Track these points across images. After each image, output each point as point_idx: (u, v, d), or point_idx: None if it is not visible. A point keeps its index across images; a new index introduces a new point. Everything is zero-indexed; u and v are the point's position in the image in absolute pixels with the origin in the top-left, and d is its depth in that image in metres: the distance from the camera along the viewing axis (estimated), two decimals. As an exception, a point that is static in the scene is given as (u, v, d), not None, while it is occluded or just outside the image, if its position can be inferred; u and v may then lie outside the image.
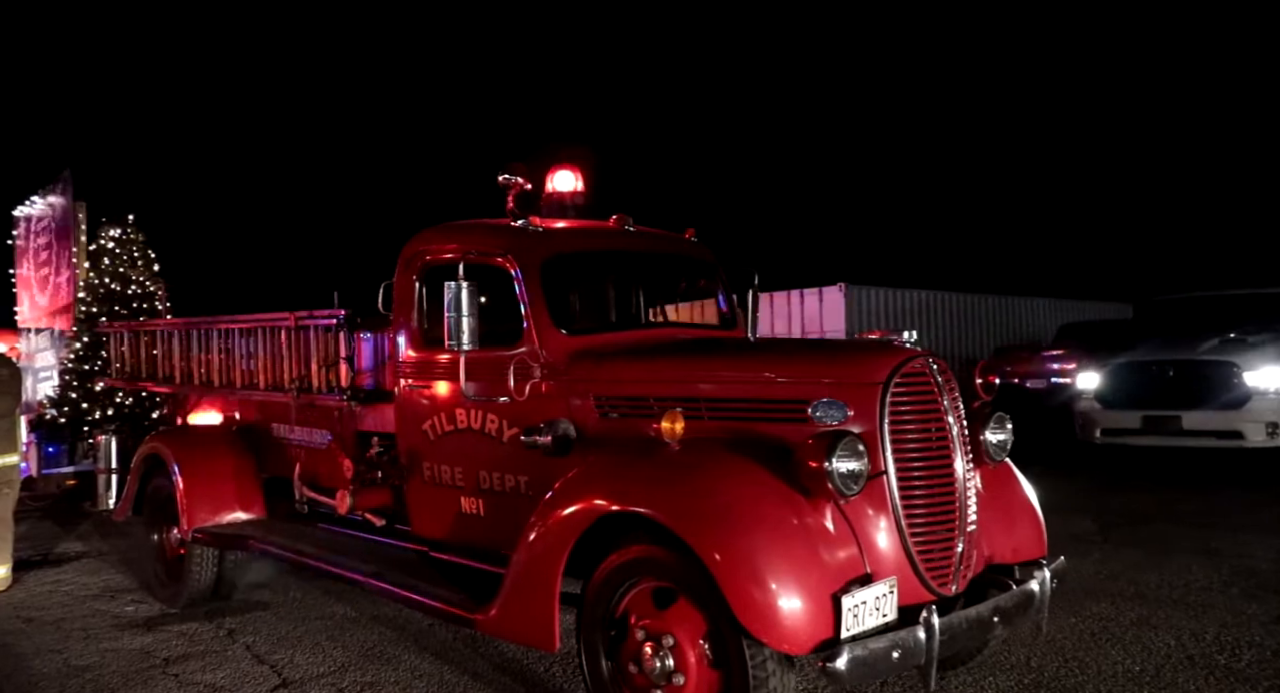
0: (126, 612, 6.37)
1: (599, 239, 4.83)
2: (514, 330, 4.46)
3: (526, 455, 4.29)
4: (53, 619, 6.24)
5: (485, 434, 4.49)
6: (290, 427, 6.12)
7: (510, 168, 5.19)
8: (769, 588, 3.05)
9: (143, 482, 6.72)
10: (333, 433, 5.64)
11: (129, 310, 10.64)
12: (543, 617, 3.70)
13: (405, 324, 4.87)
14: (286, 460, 6.17)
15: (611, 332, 4.69)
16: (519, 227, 4.55)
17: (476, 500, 4.58)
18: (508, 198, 5.14)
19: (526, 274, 4.38)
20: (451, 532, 4.74)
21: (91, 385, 10.14)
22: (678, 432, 3.55)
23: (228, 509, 6.14)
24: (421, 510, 4.90)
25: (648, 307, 5.13)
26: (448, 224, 4.90)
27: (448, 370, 4.64)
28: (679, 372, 3.96)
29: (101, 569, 7.68)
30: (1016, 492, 4.12)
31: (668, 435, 3.54)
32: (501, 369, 4.32)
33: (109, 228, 11.19)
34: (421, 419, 4.77)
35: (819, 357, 3.81)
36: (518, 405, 4.31)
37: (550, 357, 4.29)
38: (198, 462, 6.19)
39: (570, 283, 4.65)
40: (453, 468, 4.66)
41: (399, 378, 4.92)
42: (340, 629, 5.70)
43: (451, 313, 4.15)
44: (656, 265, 5.01)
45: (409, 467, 4.88)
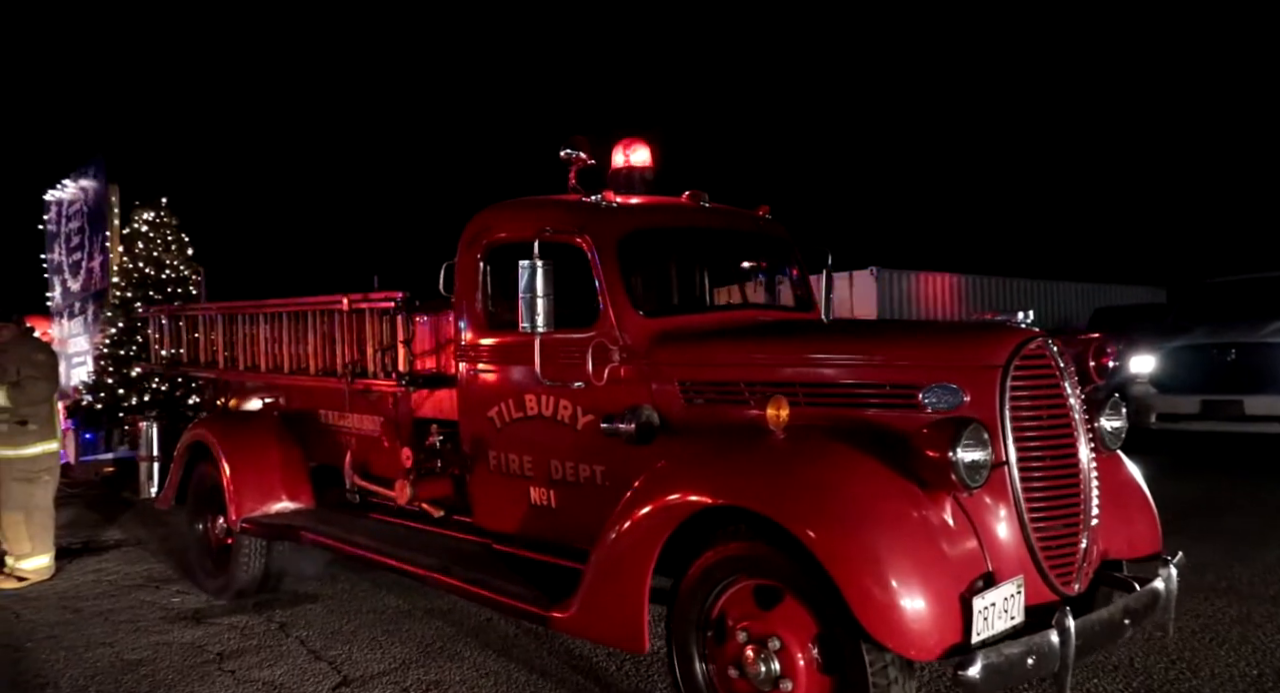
0: (173, 603, 6.21)
1: (676, 215, 4.58)
2: (586, 312, 4.23)
3: (603, 444, 4.06)
4: (99, 610, 6.09)
5: (557, 422, 4.26)
6: (340, 414, 5.92)
7: (573, 141, 4.94)
8: (894, 589, 2.81)
9: (186, 470, 6.55)
10: (387, 420, 5.42)
11: (163, 295, 10.47)
12: (630, 617, 3.48)
13: (468, 306, 4.64)
14: (335, 449, 5.97)
15: (692, 313, 4.44)
16: (593, 202, 4.30)
17: (547, 491, 4.36)
18: (569, 173, 4.91)
19: (602, 252, 4.14)
20: (518, 524, 4.52)
21: (128, 371, 10.00)
22: (783, 419, 3.30)
23: (275, 499, 5.96)
24: (486, 502, 4.68)
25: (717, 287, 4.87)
26: (513, 200, 4.65)
27: (516, 354, 4.41)
28: (774, 355, 3.71)
29: (142, 558, 7.54)
30: (1129, 482, 3.85)
31: (772, 423, 3.30)
32: (576, 353, 4.09)
33: (142, 211, 10.99)
34: (487, 406, 4.55)
35: (931, 339, 3.56)
36: (594, 391, 4.08)
37: (629, 340, 4.05)
38: (245, 450, 6.01)
39: (647, 261, 4.40)
40: (521, 457, 4.44)
41: (461, 363, 4.70)
42: (395, 624, 5.50)
43: (525, 293, 3.92)
44: (734, 243, 4.76)
45: (473, 456, 4.66)
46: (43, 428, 6.90)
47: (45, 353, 7.03)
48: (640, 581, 3.44)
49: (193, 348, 7.04)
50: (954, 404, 3.25)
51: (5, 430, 6.76)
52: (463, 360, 4.67)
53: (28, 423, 6.76)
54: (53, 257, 13.63)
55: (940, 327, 3.68)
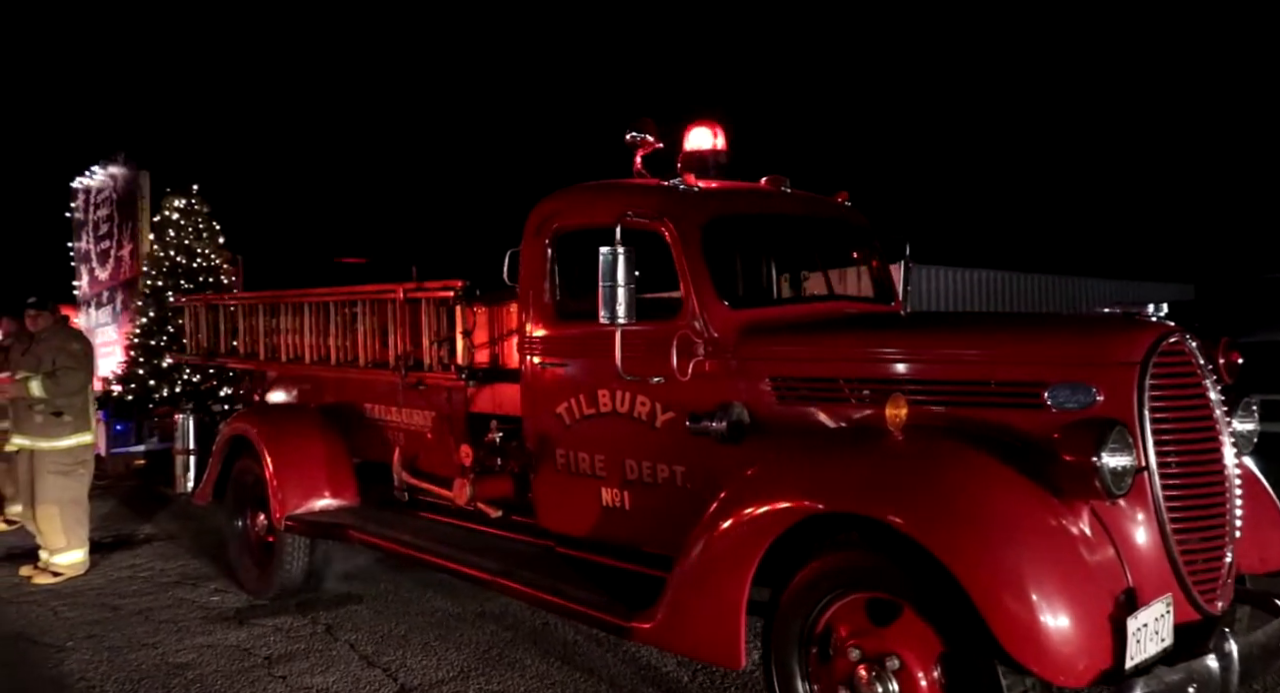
0: (213, 602, 6.00)
1: (759, 201, 4.32)
2: (665, 303, 3.98)
3: (685, 443, 3.81)
4: (138, 609, 5.89)
5: (634, 419, 4.01)
6: (387, 408, 5.69)
7: (639, 123, 4.69)
8: (1040, 608, 2.55)
9: (225, 464, 6.33)
10: (440, 415, 5.19)
11: (194, 284, 10.27)
12: (725, 630, 3.23)
13: (534, 296, 4.39)
14: (382, 444, 5.74)
15: (778, 304, 4.19)
16: (673, 186, 4.04)
17: (620, 493, 4.11)
18: (634, 157, 4.67)
19: (685, 239, 3.88)
20: (586, 526, 4.28)
21: (159, 362, 9.81)
22: (903, 418, 3.04)
23: (320, 496, 5.73)
24: (551, 502, 4.44)
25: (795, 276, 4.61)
26: (584, 184, 4.40)
27: (587, 347, 4.16)
28: (881, 350, 3.45)
29: (176, 554, 7.34)
30: (1260, 490, 3.58)
31: (891, 423, 3.04)
32: (657, 346, 3.84)
33: (173, 198, 10.77)
34: (555, 402, 4.30)
35: (1058, 333, 3.28)
36: (674, 387, 3.82)
37: (715, 332, 3.79)
38: (288, 445, 5.78)
39: (730, 249, 4.14)
40: (592, 456, 4.19)
41: (526, 355, 4.45)
42: (447, 627, 5.28)
43: (606, 282, 3.66)
44: (816, 231, 4.49)
45: (538, 454, 4.42)
46: (77, 419, 6.70)
47: (80, 342, 6.83)
48: (737, 592, 3.19)
49: (231, 339, 6.82)
50: (1085, 404, 2.99)
51: (40, 422, 6.57)
52: (527, 353, 4.43)
53: (63, 414, 6.56)
54: (79, 245, 13.45)
55: (1065, 319, 3.41)
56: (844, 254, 4.52)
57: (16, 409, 6.65)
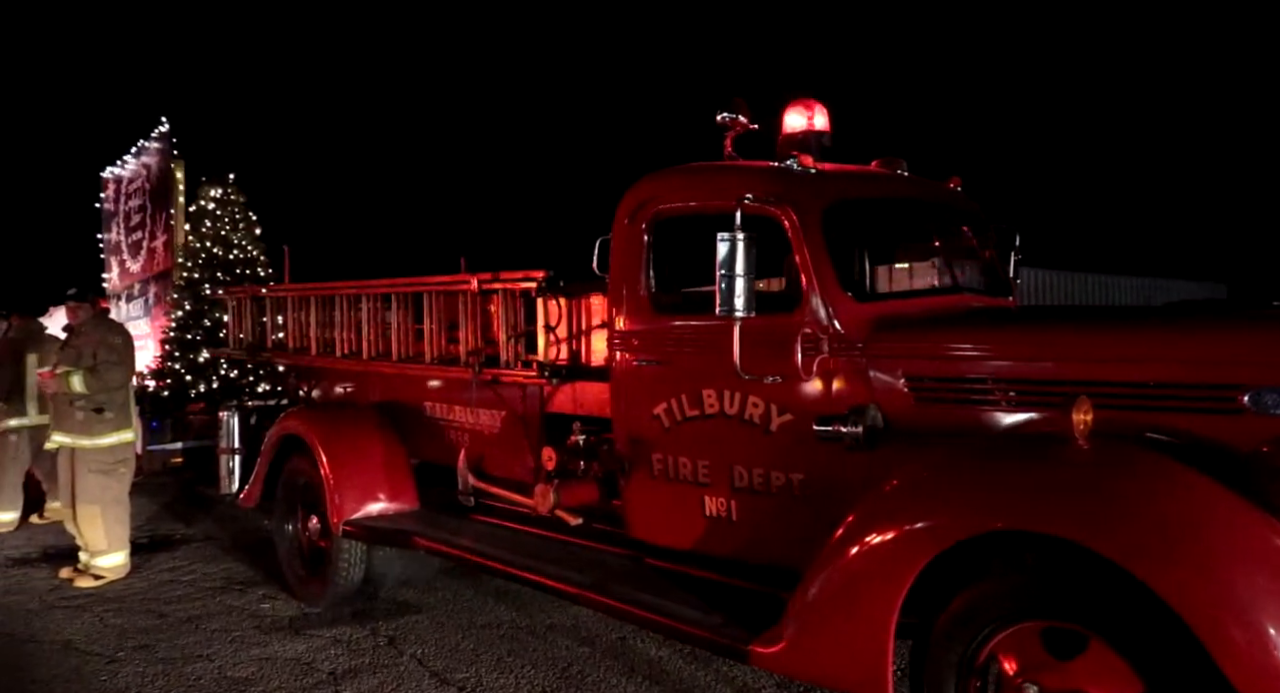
0: (263, 610, 5.69)
1: (881, 184, 3.97)
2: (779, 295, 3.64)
3: (806, 448, 3.48)
4: (187, 615, 5.58)
5: (745, 422, 3.67)
6: (450, 407, 5.37)
7: (731, 103, 4.36)
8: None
9: (274, 465, 6.02)
10: (513, 415, 4.86)
11: (231, 276, 9.97)
12: (869, 656, 2.90)
13: (629, 287, 4.05)
14: (443, 445, 5.42)
15: (903, 297, 3.84)
16: (788, 167, 3.70)
17: (726, 501, 3.78)
18: (725, 140, 4.34)
19: (807, 225, 3.54)
20: (686, 537, 3.94)
21: (195, 357, 9.51)
22: (1089, 424, 2.69)
23: (378, 499, 5.41)
24: (645, 511, 4.10)
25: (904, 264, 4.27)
26: (687, 166, 4.06)
27: (692, 342, 3.83)
28: (1042, 348, 3.10)
29: (217, 556, 7.05)
30: None
31: (1077, 429, 2.69)
32: (773, 343, 3.50)
33: (209, 188, 10.46)
34: (652, 402, 3.96)
35: (1259, 330, 2.93)
36: (794, 387, 3.49)
37: (841, 327, 3.45)
38: (346, 445, 5.47)
39: (850, 237, 3.80)
40: (695, 461, 3.85)
41: (617, 352, 4.12)
42: (518, 641, 4.95)
43: (723, 271, 3.32)
44: (935, 218, 4.14)
45: (631, 458, 4.09)
46: (119, 416, 6.41)
47: (122, 336, 6.53)
48: (885, 615, 2.86)
49: (277, 333, 6.51)
50: (1292, 409, 2.64)
51: (81, 418, 6.28)
52: (620, 349, 4.09)
53: (104, 410, 6.27)
54: (110, 236, 13.16)
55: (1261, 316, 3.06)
56: (961, 243, 4.17)
57: (57, 405, 6.37)
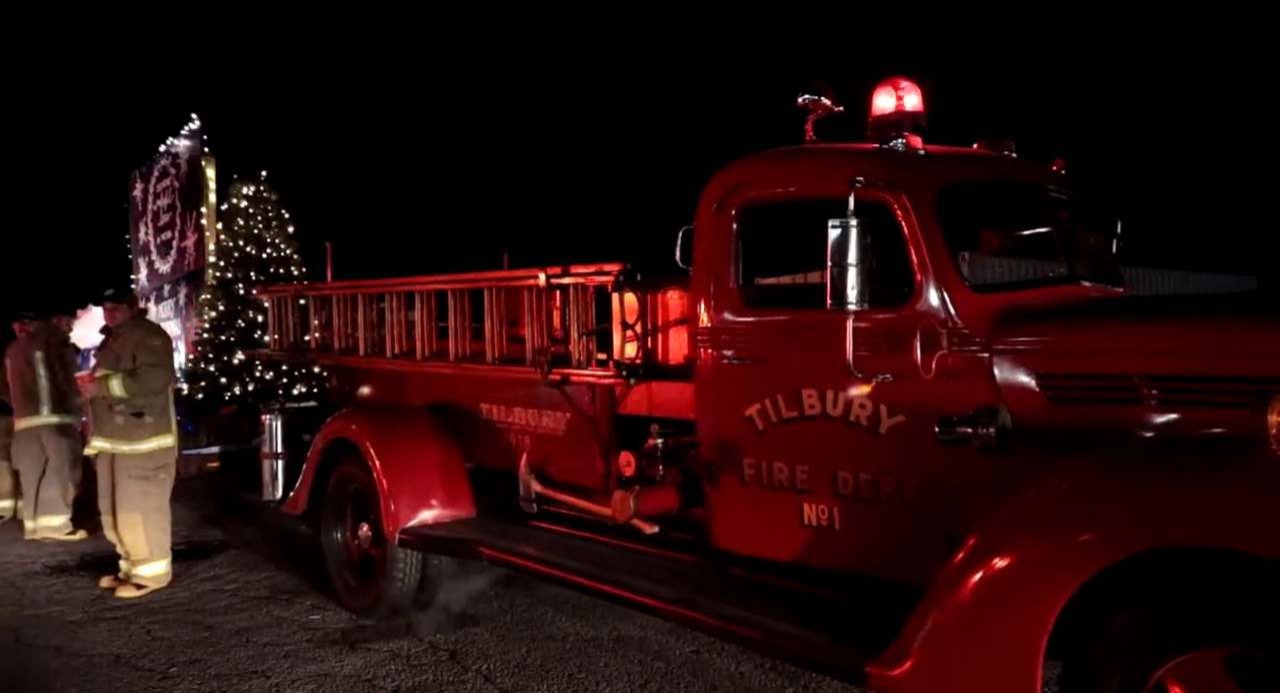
0: (313, 621, 5.46)
1: (991, 167, 3.70)
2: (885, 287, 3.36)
3: (921, 452, 3.21)
4: (235, 628, 5.35)
5: (850, 424, 3.40)
6: (509, 408, 5.11)
7: (813, 84, 4.09)
8: None
9: (321, 470, 5.79)
10: (581, 417, 4.60)
11: (265, 275, 9.76)
12: (1013, 681, 2.63)
13: (717, 280, 3.78)
14: (502, 449, 5.17)
15: (1020, 287, 3.56)
16: (898, 149, 3.43)
17: (828, 509, 3.51)
18: (806, 124, 4.07)
19: (920, 210, 3.27)
20: (781, 546, 3.68)
21: (229, 358, 9.30)
22: (1286, 427, 2.41)
23: (435, 506, 5.16)
24: (734, 518, 3.84)
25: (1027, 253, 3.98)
26: (782, 149, 3.80)
27: (789, 339, 3.57)
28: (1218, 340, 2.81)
29: (257, 564, 6.82)
30: None
31: (1272, 433, 2.41)
32: (885, 338, 3.24)
33: (241, 185, 10.23)
34: (743, 403, 3.70)
35: None
36: (907, 386, 3.22)
37: (962, 321, 3.17)
38: (401, 450, 5.22)
39: (963, 223, 3.52)
40: (792, 467, 3.59)
41: (703, 349, 3.85)
42: (586, 656, 4.70)
43: (835, 262, 3.06)
44: (1045, 203, 3.86)
45: (718, 463, 3.82)
46: (159, 420, 6.19)
47: (161, 338, 6.32)
48: (1034, 635, 2.59)
49: (324, 333, 6.27)
50: None
51: (121, 423, 6.06)
52: (706, 347, 3.83)
53: (144, 415, 6.05)
54: (138, 236, 12.96)
55: None
56: (1073, 230, 3.88)
57: (96, 410, 6.15)
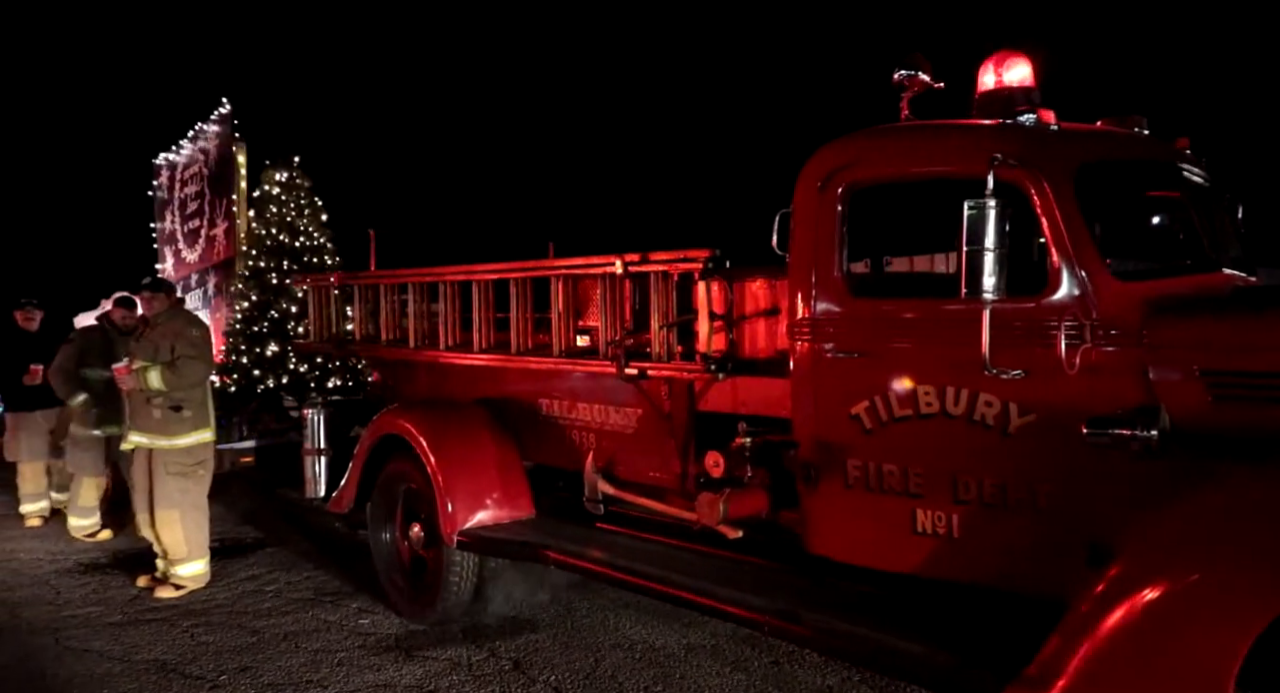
0: (363, 626, 5.22)
1: (1125, 145, 3.41)
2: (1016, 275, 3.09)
3: (1059, 455, 2.94)
4: (282, 633, 5.12)
5: (975, 423, 3.12)
6: (573, 404, 4.85)
7: (910, 60, 3.83)
8: None
9: (368, 468, 5.53)
10: (654, 413, 4.33)
11: (299, 264, 9.51)
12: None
13: (820, 267, 3.51)
14: (563, 447, 4.91)
15: (1162, 275, 3.28)
16: (1029, 124, 3.15)
17: (945, 515, 3.23)
18: (901, 102, 3.80)
19: (1059, 191, 2.99)
20: (888, 555, 3.41)
21: (262, 350, 9.05)
22: None
23: (494, 507, 4.91)
24: (834, 524, 3.57)
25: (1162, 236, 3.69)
26: (890, 126, 3.52)
27: (903, 330, 3.30)
28: None
29: (296, 563, 6.59)
30: None
31: None
32: (1019, 330, 2.96)
33: (273, 171, 9.95)
34: (848, 400, 3.43)
35: None
36: (1044, 383, 2.95)
37: (1108, 312, 2.90)
38: (458, 447, 4.97)
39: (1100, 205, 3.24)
40: (905, 469, 3.31)
41: (802, 342, 3.58)
42: (658, 665, 4.44)
43: (971, 245, 2.79)
44: (1179, 183, 3.56)
45: (818, 464, 3.55)
46: (197, 414, 5.95)
47: (200, 328, 6.07)
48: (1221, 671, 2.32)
49: (370, 323, 6.02)
50: None
51: (159, 417, 5.81)
52: (805, 339, 3.55)
53: (182, 409, 5.80)
54: (163, 225, 12.72)
55: None
56: (1207, 212, 3.59)
57: (133, 403, 5.90)
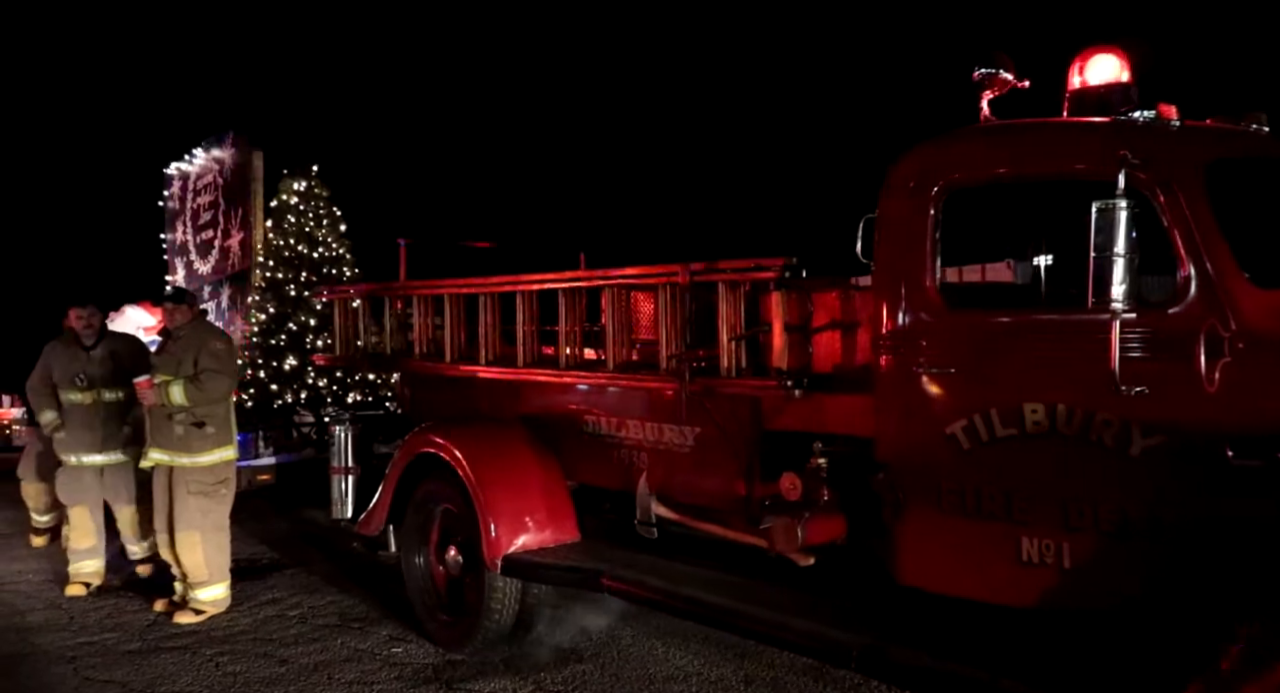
0: (395, 655, 4.95)
1: (1250, 142, 3.19)
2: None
3: (1193, 480, 2.70)
4: (312, 663, 4.85)
5: (1091, 444, 2.88)
6: (622, 421, 4.61)
7: (992, 57, 3.63)
8: None
9: (400, 488, 5.27)
10: (718, 433, 4.09)
11: (318, 275, 9.25)
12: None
13: (909, 276, 3.27)
14: (614, 466, 4.66)
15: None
16: (1148, 120, 2.93)
17: (1055, 543, 2.98)
18: (980, 101, 3.59)
19: (1187, 191, 2.77)
20: (988, 586, 3.16)
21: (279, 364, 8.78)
22: None
23: (538, 530, 4.66)
24: (925, 551, 3.31)
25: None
26: (988, 125, 3.30)
27: (1007, 343, 3.07)
28: None
29: (317, 587, 6.31)
30: None
31: None
32: (1144, 342, 2.73)
33: (291, 181, 9.70)
34: (944, 418, 3.18)
35: None
36: (1173, 400, 2.71)
37: (1248, 322, 2.67)
38: (500, 467, 4.71)
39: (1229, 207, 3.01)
40: (1008, 493, 3.07)
41: (887, 356, 3.34)
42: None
43: (1099, 250, 2.56)
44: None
45: (907, 487, 3.31)
46: (221, 431, 5.69)
47: (224, 341, 5.82)
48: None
49: (400, 336, 5.77)
50: None
51: (181, 433, 5.56)
52: (894, 353, 3.31)
53: (205, 425, 5.54)
54: (174, 236, 12.45)
55: None
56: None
57: (154, 419, 5.64)
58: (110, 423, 6.18)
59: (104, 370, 6.16)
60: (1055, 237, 3.05)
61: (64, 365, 6.21)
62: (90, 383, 6.13)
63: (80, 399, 6.15)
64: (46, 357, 6.35)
